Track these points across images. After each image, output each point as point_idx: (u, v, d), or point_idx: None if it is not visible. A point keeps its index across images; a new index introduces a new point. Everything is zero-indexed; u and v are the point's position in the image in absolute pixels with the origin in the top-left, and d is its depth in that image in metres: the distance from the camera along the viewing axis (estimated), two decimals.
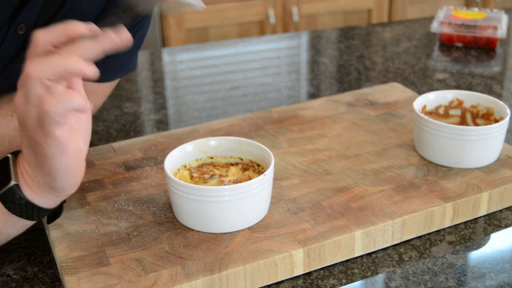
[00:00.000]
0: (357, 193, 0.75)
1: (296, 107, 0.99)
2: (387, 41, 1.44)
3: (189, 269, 0.63)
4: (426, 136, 0.81)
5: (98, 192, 0.76)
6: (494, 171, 0.79)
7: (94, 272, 0.63)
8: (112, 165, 0.83)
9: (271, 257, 0.65)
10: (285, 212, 0.72)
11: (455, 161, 0.80)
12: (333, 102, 1.00)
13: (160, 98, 1.16)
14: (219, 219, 0.68)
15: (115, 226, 0.70)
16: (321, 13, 2.47)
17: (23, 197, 0.61)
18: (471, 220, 0.76)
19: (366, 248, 0.70)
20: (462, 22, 1.38)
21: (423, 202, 0.73)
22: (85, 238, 0.68)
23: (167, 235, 0.68)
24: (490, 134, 0.79)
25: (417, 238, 0.73)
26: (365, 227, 0.69)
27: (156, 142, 0.88)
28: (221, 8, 2.30)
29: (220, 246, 0.66)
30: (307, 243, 0.66)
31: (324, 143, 0.87)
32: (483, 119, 0.86)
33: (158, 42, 2.27)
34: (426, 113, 0.87)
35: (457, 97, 0.87)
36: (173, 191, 0.69)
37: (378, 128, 0.91)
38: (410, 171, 0.80)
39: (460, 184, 0.77)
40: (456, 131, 0.79)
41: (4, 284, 0.66)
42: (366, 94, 1.02)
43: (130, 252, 0.66)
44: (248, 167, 0.76)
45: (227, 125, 0.93)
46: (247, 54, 1.40)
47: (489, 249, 0.72)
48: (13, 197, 0.61)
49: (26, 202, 0.61)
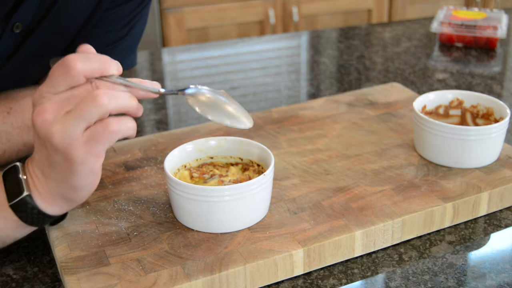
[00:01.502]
0: (357, 193, 0.75)
1: (296, 107, 0.99)
2: (387, 41, 1.44)
3: (189, 269, 0.63)
4: (426, 136, 0.81)
5: (98, 192, 0.76)
6: (494, 171, 0.79)
7: (94, 272, 0.63)
8: (112, 165, 0.83)
9: (271, 257, 0.65)
10: (285, 212, 0.72)
11: (455, 161, 0.80)
12: (333, 102, 1.00)
13: (160, 98, 1.16)
14: (219, 219, 0.68)
15: (115, 226, 0.70)
16: (321, 13, 2.47)
17: (36, 207, 0.62)
18: (471, 220, 0.76)
19: (366, 248, 0.70)
20: (462, 22, 1.38)
21: (423, 202, 0.73)
22: (85, 238, 0.68)
23: (167, 235, 0.68)
24: (490, 134, 0.79)
25: (417, 238, 0.73)
26: (365, 227, 0.69)
27: (156, 142, 0.88)
28: (221, 8, 2.31)
29: (220, 246, 0.66)
30: (307, 243, 0.66)
31: (324, 143, 0.87)
32: (483, 119, 0.86)
33: (158, 42, 2.27)
34: (426, 113, 0.87)
35: (457, 97, 0.87)
36: (173, 191, 0.69)
37: (378, 128, 0.91)
38: (410, 171, 0.80)
39: (460, 184, 0.76)
40: (456, 131, 0.79)
41: (4, 284, 0.66)
42: (366, 94, 1.02)
43: (130, 252, 0.66)
44: (248, 167, 0.76)
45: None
46: (247, 54, 1.40)
47: (489, 249, 0.72)
48: (25, 207, 0.61)
49: (38, 211, 0.62)
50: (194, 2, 2.28)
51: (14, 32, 0.72)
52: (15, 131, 0.76)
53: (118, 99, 0.57)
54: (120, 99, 0.57)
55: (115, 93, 0.57)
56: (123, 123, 0.58)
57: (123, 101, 0.57)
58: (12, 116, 0.76)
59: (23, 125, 0.76)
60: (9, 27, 0.71)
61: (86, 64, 0.56)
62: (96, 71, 0.57)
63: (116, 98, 0.57)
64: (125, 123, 0.58)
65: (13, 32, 0.72)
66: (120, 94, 0.57)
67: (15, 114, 0.76)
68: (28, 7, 0.71)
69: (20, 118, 0.76)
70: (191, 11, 2.28)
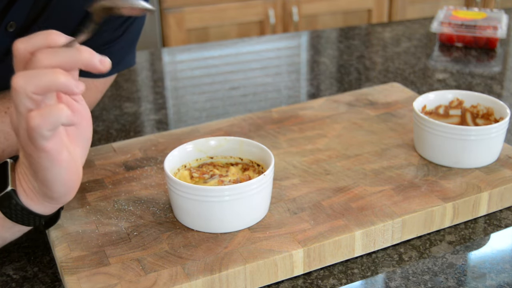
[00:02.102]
0: (357, 193, 0.75)
1: (296, 107, 0.99)
2: (387, 41, 1.44)
3: (189, 269, 0.63)
4: (426, 136, 0.81)
5: (98, 192, 0.76)
6: (494, 171, 0.79)
7: (94, 272, 0.63)
8: (112, 165, 0.83)
9: (271, 257, 0.65)
10: (285, 212, 0.72)
11: (455, 161, 0.80)
12: (333, 102, 1.00)
13: (160, 98, 1.16)
14: (219, 219, 0.68)
15: (115, 226, 0.70)
16: (321, 13, 2.48)
17: (19, 203, 0.61)
18: (471, 220, 0.76)
19: (366, 248, 0.70)
20: (462, 22, 1.38)
21: (423, 202, 0.73)
22: (85, 238, 0.68)
23: (167, 235, 0.68)
24: (490, 134, 0.79)
25: (417, 238, 0.73)
26: (365, 227, 0.69)
27: (156, 142, 0.88)
28: (221, 8, 2.31)
29: (220, 246, 0.66)
30: (307, 243, 0.66)
31: (324, 143, 0.87)
32: (483, 119, 0.86)
33: (158, 42, 2.27)
34: (426, 113, 0.87)
35: (457, 97, 0.87)
36: (173, 191, 0.69)
37: (378, 128, 0.91)
38: (410, 171, 0.80)
39: (460, 184, 0.77)
40: (456, 131, 0.79)
41: (4, 284, 0.66)
42: (366, 94, 1.02)
43: (130, 252, 0.66)
44: (248, 167, 0.76)
45: (227, 125, 0.93)
46: (247, 54, 1.40)
47: (489, 249, 0.72)
48: (9, 203, 0.61)
49: (22, 208, 0.61)
50: (194, 2, 2.28)
51: (8, 31, 0.72)
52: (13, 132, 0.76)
53: (36, 77, 0.52)
54: (40, 76, 0.52)
55: (35, 71, 0.53)
56: (47, 114, 0.52)
57: (44, 78, 0.52)
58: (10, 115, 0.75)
59: None
60: (2, 26, 0.71)
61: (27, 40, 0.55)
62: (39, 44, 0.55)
63: (35, 77, 0.52)
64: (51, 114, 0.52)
65: (7, 31, 0.72)
66: (40, 71, 0.53)
67: None
68: (22, 6, 0.70)
69: None
70: (191, 11, 2.28)
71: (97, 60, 0.56)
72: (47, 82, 0.53)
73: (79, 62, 0.55)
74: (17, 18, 0.72)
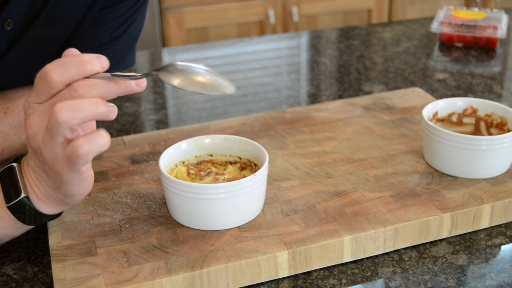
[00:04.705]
0: (354, 198, 0.74)
1: (311, 108, 0.98)
2: (387, 41, 1.42)
3: (171, 264, 0.64)
4: (433, 144, 0.79)
5: (101, 184, 0.78)
6: (501, 183, 0.76)
7: (80, 261, 0.64)
8: (119, 157, 0.84)
9: (255, 258, 0.65)
10: (278, 213, 0.72)
11: (462, 171, 0.78)
12: (350, 104, 0.99)
13: (160, 98, 1.17)
14: (209, 216, 0.68)
15: (109, 218, 0.72)
16: (321, 13, 2.46)
17: (33, 208, 0.64)
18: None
19: (355, 254, 0.68)
20: (462, 22, 1.36)
21: (420, 211, 0.71)
22: (79, 227, 0.70)
23: (157, 230, 0.69)
24: (501, 144, 0.76)
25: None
26: (355, 233, 0.68)
27: (166, 138, 0.89)
28: (221, 8, 2.31)
29: (206, 243, 0.67)
30: (293, 245, 0.66)
31: (332, 146, 0.86)
32: (497, 128, 0.83)
33: (158, 42, 2.29)
34: (437, 120, 0.85)
35: (471, 105, 0.85)
36: (165, 186, 0.70)
37: (389, 133, 0.89)
38: (414, 178, 0.78)
39: (462, 195, 0.74)
40: (466, 140, 0.76)
41: (4, 284, 0.67)
42: (385, 98, 1.01)
43: (118, 244, 0.67)
44: (246, 166, 0.76)
45: (239, 123, 0.93)
46: (247, 54, 1.40)
47: (489, 249, 0.71)
48: (23, 209, 0.63)
49: (36, 212, 0.64)
50: (194, 2, 2.29)
51: (5, 29, 0.73)
52: (13, 131, 0.77)
53: (81, 110, 0.55)
54: (84, 109, 0.55)
55: (78, 103, 0.55)
56: (93, 142, 0.55)
57: (88, 111, 0.55)
58: (9, 116, 0.77)
59: (20, 125, 0.77)
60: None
61: (62, 72, 0.56)
62: (74, 76, 0.56)
63: (79, 110, 0.55)
64: (96, 141, 0.56)
65: (4, 29, 0.73)
66: (83, 104, 0.55)
67: (12, 114, 0.77)
68: (18, 4, 0.72)
69: (17, 118, 0.77)
70: (191, 11, 2.29)
71: (134, 85, 0.58)
72: (90, 114, 0.56)
73: (118, 93, 0.58)
74: (13, 15, 0.73)
